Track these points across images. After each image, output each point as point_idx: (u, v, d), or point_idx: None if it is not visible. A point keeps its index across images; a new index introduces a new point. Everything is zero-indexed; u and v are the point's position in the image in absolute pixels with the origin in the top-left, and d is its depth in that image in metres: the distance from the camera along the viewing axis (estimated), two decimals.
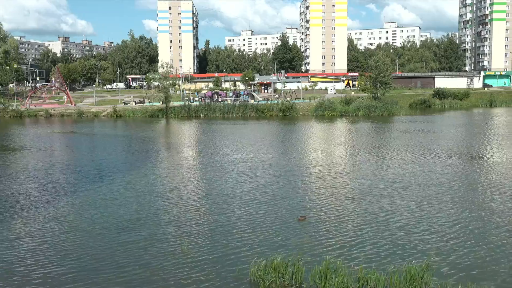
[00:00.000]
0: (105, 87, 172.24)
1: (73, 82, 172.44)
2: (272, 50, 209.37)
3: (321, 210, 25.49)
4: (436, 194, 28.52)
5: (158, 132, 72.44)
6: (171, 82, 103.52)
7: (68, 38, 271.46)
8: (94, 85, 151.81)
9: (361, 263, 18.03)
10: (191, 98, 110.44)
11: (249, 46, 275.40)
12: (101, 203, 27.38)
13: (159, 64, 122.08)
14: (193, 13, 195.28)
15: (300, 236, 21.40)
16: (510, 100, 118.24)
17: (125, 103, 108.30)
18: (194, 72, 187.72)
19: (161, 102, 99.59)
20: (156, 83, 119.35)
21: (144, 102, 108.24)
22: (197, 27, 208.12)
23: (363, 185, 31.15)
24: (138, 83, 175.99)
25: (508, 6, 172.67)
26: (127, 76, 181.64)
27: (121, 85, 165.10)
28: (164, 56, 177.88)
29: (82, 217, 24.84)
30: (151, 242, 21.02)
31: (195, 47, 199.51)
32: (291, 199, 27.81)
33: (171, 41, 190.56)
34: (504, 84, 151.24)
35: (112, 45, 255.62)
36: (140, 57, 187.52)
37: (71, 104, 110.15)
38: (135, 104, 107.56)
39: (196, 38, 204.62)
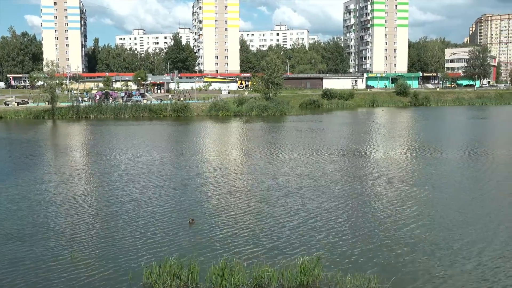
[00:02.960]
0: None
1: None
2: (164, 50, 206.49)
3: (216, 211, 25.62)
4: (329, 190, 29.83)
5: (45, 134, 68.38)
6: (57, 81, 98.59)
7: None
8: None
9: (257, 260, 18.40)
10: (80, 98, 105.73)
11: (141, 46, 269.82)
12: None
13: (44, 62, 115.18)
14: (80, 9, 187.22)
15: (194, 238, 21.37)
16: (389, 100, 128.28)
17: (6, 104, 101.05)
18: (83, 71, 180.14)
19: (46, 103, 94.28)
20: (41, 83, 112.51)
21: (28, 103, 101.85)
22: (85, 24, 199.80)
23: (258, 185, 31.77)
24: (21, 83, 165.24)
25: (387, 13, 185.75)
26: (8, 75, 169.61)
27: (1, 84, 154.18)
28: (49, 54, 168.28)
29: None
30: (38, 252, 19.81)
31: (83, 45, 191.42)
32: (186, 202, 27.63)
33: (57, 38, 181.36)
34: (384, 85, 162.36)
35: None
36: (22, 54, 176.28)
37: None
38: (18, 104, 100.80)
39: (84, 36, 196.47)
